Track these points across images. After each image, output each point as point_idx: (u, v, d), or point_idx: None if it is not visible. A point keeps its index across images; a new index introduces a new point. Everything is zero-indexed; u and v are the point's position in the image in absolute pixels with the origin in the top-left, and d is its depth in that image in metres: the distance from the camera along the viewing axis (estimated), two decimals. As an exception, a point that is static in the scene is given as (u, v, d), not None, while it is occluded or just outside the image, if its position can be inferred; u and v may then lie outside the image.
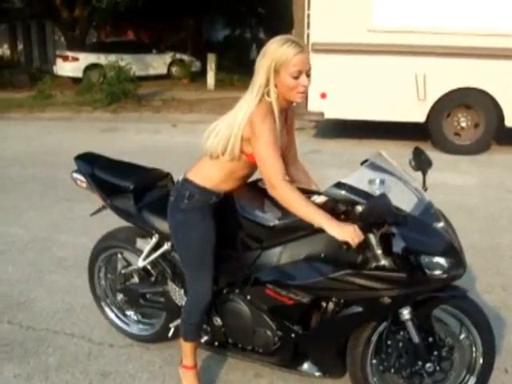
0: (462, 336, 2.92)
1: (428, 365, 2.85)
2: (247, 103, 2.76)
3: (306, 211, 2.64)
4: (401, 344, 2.89)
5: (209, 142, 2.88)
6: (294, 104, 2.92)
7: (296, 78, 2.69)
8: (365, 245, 2.61)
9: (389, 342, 2.92)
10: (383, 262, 2.62)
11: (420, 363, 2.86)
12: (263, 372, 3.43)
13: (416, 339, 2.80)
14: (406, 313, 2.76)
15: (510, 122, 9.13)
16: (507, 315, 4.09)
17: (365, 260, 2.64)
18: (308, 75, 2.74)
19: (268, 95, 2.74)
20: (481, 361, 2.89)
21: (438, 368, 2.87)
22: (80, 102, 15.82)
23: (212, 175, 2.95)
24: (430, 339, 2.84)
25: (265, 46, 2.74)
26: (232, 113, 2.84)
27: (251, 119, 2.71)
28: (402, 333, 2.86)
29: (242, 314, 3.07)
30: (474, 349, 2.90)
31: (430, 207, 2.81)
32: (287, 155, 3.10)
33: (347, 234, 2.52)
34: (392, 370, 2.93)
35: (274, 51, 2.68)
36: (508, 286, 4.60)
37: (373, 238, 2.61)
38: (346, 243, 2.53)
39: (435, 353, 2.85)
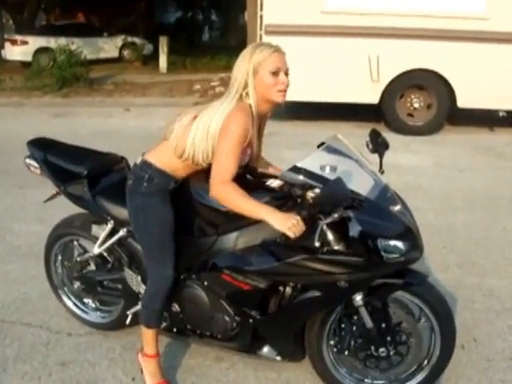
0: (421, 320, 2.93)
1: (381, 349, 2.87)
2: (225, 103, 2.76)
3: (247, 207, 2.64)
4: (354, 328, 2.91)
5: (187, 151, 2.82)
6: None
7: (275, 75, 2.72)
8: (314, 231, 2.57)
9: (342, 326, 2.95)
10: (336, 247, 2.61)
11: (373, 347, 2.89)
12: (224, 356, 3.43)
13: (369, 324, 2.82)
14: (358, 299, 2.77)
15: (462, 102, 9.28)
16: (462, 293, 4.18)
17: (321, 245, 2.61)
18: (286, 74, 2.78)
19: (247, 97, 2.76)
20: (439, 347, 2.90)
21: (392, 352, 2.90)
22: (30, 86, 15.47)
23: (173, 162, 2.92)
24: (383, 325, 2.85)
25: (240, 54, 2.79)
26: (204, 118, 2.78)
27: (229, 115, 2.70)
28: (355, 317, 2.88)
29: (200, 300, 3.06)
30: (432, 334, 2.92)
31: (386, 190, 2.81)
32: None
33: (287, 225, 2.50)
34: (346, 352, 2.97)
35: (251, 54, 2.73)
36: (462, 264, 4.69)
37: (322, 225, 2.57)
38: (285, 235, 2.53)
39: (388, 338, 2.87)
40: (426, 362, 2.98)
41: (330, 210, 2.53)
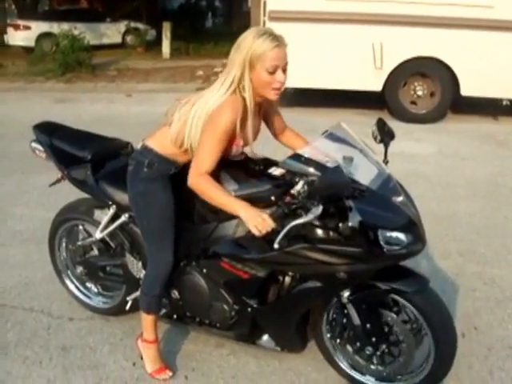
0: (420, 328, 2.81)
1: (368, 347, 2.86)
2: (218, 94, 2.69)
3: (220, 200, 2.63)
4: (345, 320, 2.89)
5: (186, 143, 2.81)
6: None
7: (272, 73, 2.62)
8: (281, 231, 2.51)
9: (334, 316, 2.95)
10: (333, 238, 2.58)
11: (358, 344, 2.88)
12: (225, 342, 3.43)
13: (356, 321, 2.81)
14: (345, 296, 2.75)
15: (466, 90, 9.23)
16: (463, 280, 4.18)
17: (321, 234, 2.59)
18: (284, 70, 2.67)
19: (243, 90, 2.68)
20: (432, 360, 2.79)
21: (380, 353, 2.87)
22: (33, 72, 15.46)
23: (173, 147, 2.91)
24: (368, 325, 2.81)
25: (240, 37, 2.66)
26: (198, 110, 2.74)
27: (219, 108, 2.66)
28: (345, 311, 2.86)
29: (199, 288, 3.06)
30: (428, 345, 2.80)
31: (389, 181, 2.76)
32: (274, 130, 3.24)
33: (254, 223, 2.48)
34: (338, 341, 2.98)
35: (251, 43, 2.59)
36: (464, 251, 4.69)
37: (289, 226, 2.48)
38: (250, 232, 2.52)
39: (373, 339, 2.83)
40: (424, 364, 2.88)
41: (318, 203, 2.46)
